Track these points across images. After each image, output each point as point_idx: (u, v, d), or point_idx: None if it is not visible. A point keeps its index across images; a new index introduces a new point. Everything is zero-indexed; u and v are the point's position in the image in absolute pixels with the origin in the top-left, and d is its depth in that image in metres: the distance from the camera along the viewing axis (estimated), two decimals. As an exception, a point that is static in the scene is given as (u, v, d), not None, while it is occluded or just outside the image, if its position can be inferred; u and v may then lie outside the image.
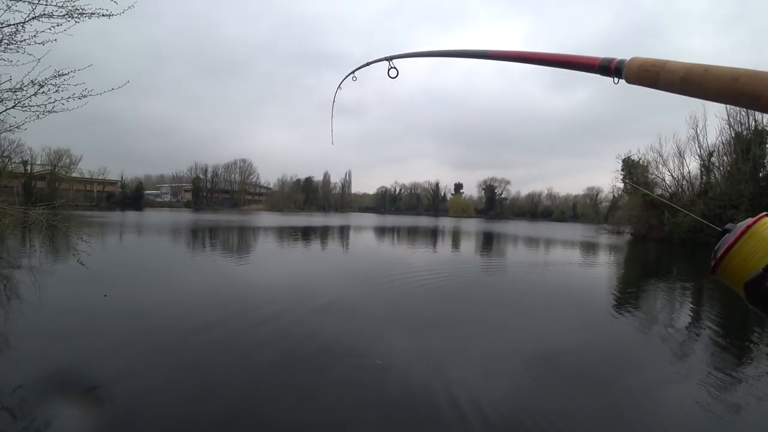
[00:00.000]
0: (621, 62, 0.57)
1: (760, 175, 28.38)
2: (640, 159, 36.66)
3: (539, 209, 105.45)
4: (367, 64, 1.55)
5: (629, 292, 10.94)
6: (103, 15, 4.76)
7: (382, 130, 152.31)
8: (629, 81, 0.55)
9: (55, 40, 4.52)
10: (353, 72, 1.67)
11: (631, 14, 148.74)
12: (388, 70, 1.38)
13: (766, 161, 29.16)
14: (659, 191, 34.82)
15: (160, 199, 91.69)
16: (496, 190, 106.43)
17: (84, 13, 4.54)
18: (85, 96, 5.62)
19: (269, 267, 12.53)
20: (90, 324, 5.70)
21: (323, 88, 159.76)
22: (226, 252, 15.86)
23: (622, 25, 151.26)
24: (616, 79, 0.61)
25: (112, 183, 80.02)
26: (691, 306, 9.42)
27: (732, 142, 30.70)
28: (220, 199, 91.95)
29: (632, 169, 36.52)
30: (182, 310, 6.48)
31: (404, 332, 6.02)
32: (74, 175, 68.12)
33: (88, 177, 72.83)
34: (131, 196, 75.58)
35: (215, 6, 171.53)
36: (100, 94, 5.95)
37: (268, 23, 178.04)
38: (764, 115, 29.35)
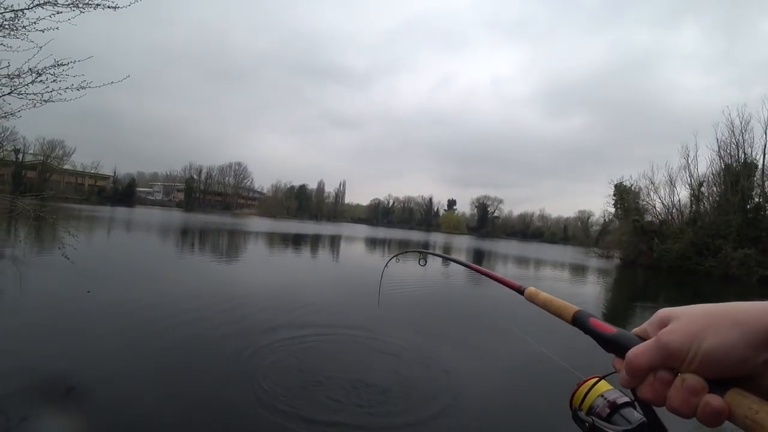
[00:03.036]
0: (524, 288, 0.82)
1: (748, 206, 28.91)
2: (632, 185, 37.18)
3: (530, 229, 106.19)
4: (407, 251, 2.20)
5: (616, 314, 10.97)
6: (108, 7, 4.74)
7: (379, 143, 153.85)
8: (526, 299, 0.80)
9: (57, 28, 4.50)
10: (397, 255, 2.17)
11: (623, 47, 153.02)
12: (419, 260, 1.81)
13: (754, 193, 29.78)
14: (649, 218, 35.30)
15: (151, 197, 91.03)
16: (488, 209, 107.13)
17: (89, 4, 4.52)
18: (83, 88, 5.58)
19: (258, 271, 12.40)
20: (69, 320, 5.56)
21: (325, 100, 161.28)
22: (214, 254, 15.69)
23: (615, 56, 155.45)
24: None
25: (104, 178, 79.34)
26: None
27: (722, 173, 31.35)
28: (212, 201, 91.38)
29: (624, 195, 37.02)
30: (166, 310, 6.37)
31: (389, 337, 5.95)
32: (66, 167, 67.44)
33: (80, 170, 72.13)
34: (122, 193, 74.99)
35: (227, 15, 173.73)
36: (99, 86, 5.93)
37: (276, 34, 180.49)
38: (753, 147, 30.20)
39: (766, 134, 29.44)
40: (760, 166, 29.88)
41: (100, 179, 78.09)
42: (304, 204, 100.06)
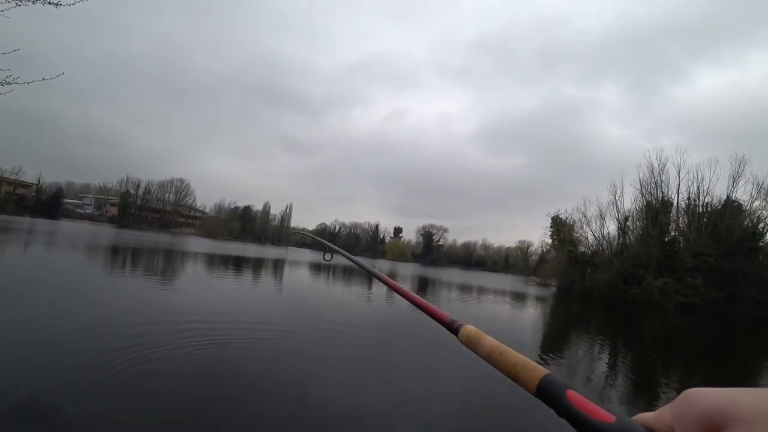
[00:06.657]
0: (459, 326, 0.65)
1: (666, 239, 32.08)
2: (567, 218, 39.85)
3: (473, 258, 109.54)
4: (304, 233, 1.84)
5: (553, 340, 11.47)
6: (50, 3, 4.42)
7: (329, 169, 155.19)
8: (461, 341, 0.63)
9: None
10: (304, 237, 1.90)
11: (555, 97, 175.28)
12: (324, 254, 1.51)
13: (670, 228, 33.25)
14: (583, 249, 37.81)
15: (81, 210, 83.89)
16: (433, 237, 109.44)
17: (28, -3, 4.20)
18: (9, 83, 5.13)
19: (181, 293, 11.67)
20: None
21: (279, 124, 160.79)
22: (144, 275, 14.61)
23: (548, 103, 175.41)
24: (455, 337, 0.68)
25: (26, 185, 72.07)
26: (608, 356, 10.04)
27: (643, 209, 34.60)
28: (149, 218, 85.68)
29: (560, 227, 39.53)
30: (72, 334, 5.77)
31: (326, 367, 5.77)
32: (-20, 171, 60.70)
33: (-4, 175, 65.03)
34: (46, 203, 68.41)
35: (191, 35, 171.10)
36: (28, 83, 5.46)
37: (238, 58, 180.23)
38: (669, 187, 33.75)
39: (679, 176, 33.37)
40: (675, 204, 33.65)
41: (21, 186, 70.81)
42: (249, 226, 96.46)
